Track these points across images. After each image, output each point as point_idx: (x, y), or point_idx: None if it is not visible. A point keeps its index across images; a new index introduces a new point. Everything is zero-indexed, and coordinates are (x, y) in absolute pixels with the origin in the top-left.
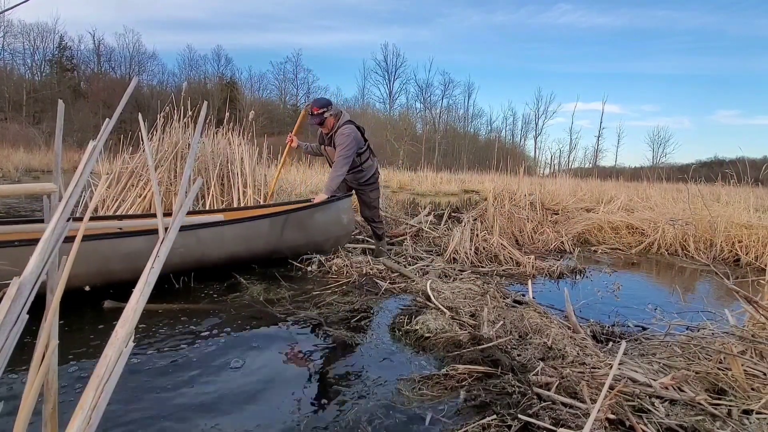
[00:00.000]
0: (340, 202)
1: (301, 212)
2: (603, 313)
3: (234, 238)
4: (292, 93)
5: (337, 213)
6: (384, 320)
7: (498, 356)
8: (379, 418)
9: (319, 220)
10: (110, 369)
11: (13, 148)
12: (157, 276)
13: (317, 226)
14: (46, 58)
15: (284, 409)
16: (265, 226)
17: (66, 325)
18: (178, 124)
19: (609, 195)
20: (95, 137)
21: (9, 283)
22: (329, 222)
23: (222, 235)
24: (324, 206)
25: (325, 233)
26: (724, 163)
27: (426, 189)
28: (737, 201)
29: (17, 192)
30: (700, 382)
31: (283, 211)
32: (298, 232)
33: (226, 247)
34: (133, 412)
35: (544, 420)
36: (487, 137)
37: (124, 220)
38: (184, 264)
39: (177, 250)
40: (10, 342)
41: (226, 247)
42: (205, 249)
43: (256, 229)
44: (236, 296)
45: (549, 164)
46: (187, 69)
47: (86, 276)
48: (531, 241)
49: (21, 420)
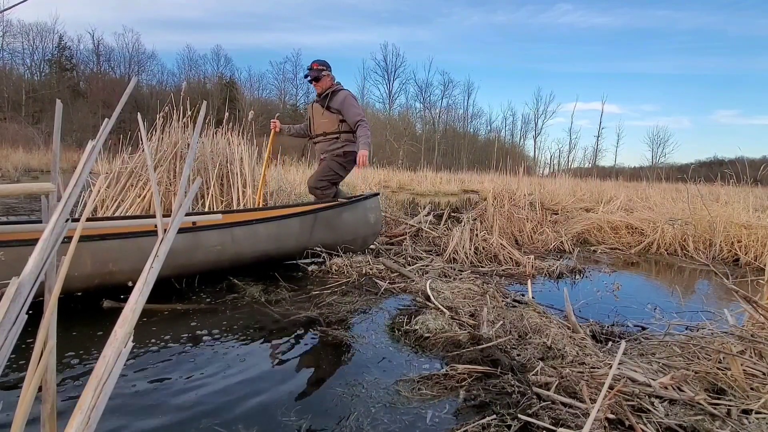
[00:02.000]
0: (367, 201)
1: (329, 211)
2: (602, 313)
3: (267, 236)
4: (291, 93)
5: (364, 212)
6: (383, 320)
7: (497, 356)
8: (379, 418)
9: (347, 219)
10: (109, 369)
11: (12, 147)
12: (156, 276)
13: (345, 226)
14: (45, 58)
15: (283, 409)
16: (296, 225)
17: (65, 325)
18: (178, 124)
19: (608, 195)
20: (94, 137)
21: (8, 282)
22: (357, 221)
23: (256, 233)
24: (351, 205)
25: (353, 232)
26: (723, 163)
27: (425, 189)
28: (736, 201)
29: (16, 192)
30: (700, 382)
31: (312, 210)
32: (326, 231)
33: (260, 245)
34: (132, 412)
35: (544, 420)
36: (486, 137)
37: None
38: (220, 262)
39: (214, 248)
40: (9, 342)
41: (260, 245)
42: (239, 247)
43: (288, 228)
44: (236, 297)
45: (548, 164)
46: (186, 69)
47: (131, 272)
48: (530, 241)
49: (18, 420)
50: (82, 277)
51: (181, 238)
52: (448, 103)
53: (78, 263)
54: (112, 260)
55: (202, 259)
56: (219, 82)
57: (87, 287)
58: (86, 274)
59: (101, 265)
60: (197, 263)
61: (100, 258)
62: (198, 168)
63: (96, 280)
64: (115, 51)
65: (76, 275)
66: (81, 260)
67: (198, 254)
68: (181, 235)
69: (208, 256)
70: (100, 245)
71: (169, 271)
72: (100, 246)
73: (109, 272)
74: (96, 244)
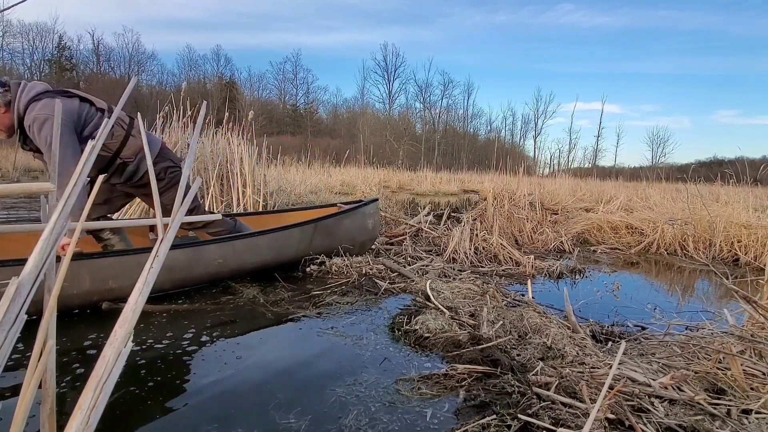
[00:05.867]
0: (366, 207)
1: (330, 219)
2: (602, 313)
3: (268, 247)
4: (291, 93)
5: (363, 218)
6: (383, 320)
7: (497, 356)
8: (379, 418)
9: (347, 226)
10: (109, 369)
11: (11, 147)
12: (155, 276)
13: (344, 233)
14: (45, 58)
15: (282, 410)
16: (297, 235)
17: (65, 325)
18: (178, 124)
19: (608, 195)
20: (93, 137)
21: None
22: (356, 228)
23: (257, 245)
24: (351, 212)
25: (351, 239)
26: (723, 163)
27: (425, 189)
28: (736, 201)
29: (15, 191)
30: (700, 382)
31: (314, 219)
32: (326, 238)
33: (260, 257)
34: (131, 412)
35: (544, 420)
36: (486, 137)
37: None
38: (220, 274)
39: (215, 261)
40: (9, 342)
41: (260, 257)
42: (240, 259)
43: (289, 239)
44: (235, 297)
45: (548, 164)
46: (186, 69)
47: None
48: (530, 240)
49: (18, 420)
50: (81, 294)
51: (181, 253)
52: (448, 103)
53: (77, 280)
54: (112, 277)
55: (203, 272)
56: (219, 82)
57: (86, 303)
58: (85, 291)
59: (101, 282)
60: (197, 277)
61: (100, 275)
62: (198, 168)
63: (95, 297)
64: (115, 51)
65: (74, 293)
66: (80, 277)
67: (198, 268)
68: (181, 250)
69: (208, 269)
70: (99, 262)
71: (170, 285)
72: (99, 263)
73: (109, 289)
74: (95, 261)
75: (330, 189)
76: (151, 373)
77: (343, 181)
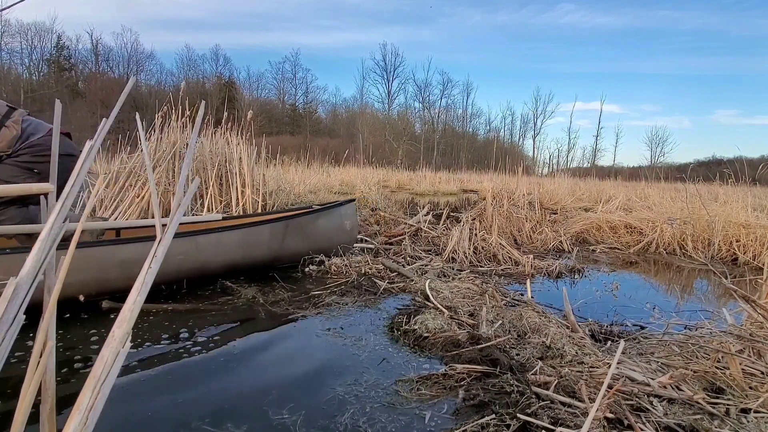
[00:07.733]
0: (342, 207)
1: (302, 218)
2: (601, 313)
3: (233, 244)
4: (290, 92)
5: (339, 219)
6: (382, 320)
7: (497, 355)
8: (377, 418)
9: (322, 227)
10: (107, 369)
11: None
12: (154, 276)
13: (320, 233)
14: (43, 58)
15: (280, 410)
16: (266, 232)
17: (64, 325)
18: (176, 124)
19: (607, 194)
20: (92, 137)
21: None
22: (332, 228)
23: (220, 242)
24: (326, 212)
25: (328, 240)
26: (722, 163)
27: (424, 189)
28: (735, 200)
29: (13, 192)
30: (699, 381)
31: (284, 217)
32: (300, 238)
33: (227, 255)
34: (130, 412)
35: (543, 419)
36: (485, 137)
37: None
38: (180, 273)
39: (175, 258)
40: (7, 342)
41: (227, 255)
42: (203, 256)
43: (257, 235)
44: (234, 298)
45: (547, 164)
46: (185, 68)
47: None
48: (529, 240)
49: (18, 420)
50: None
51: (133, 247)
52: (447, 103)
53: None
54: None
55: (161, 269)
56: (218, 81)
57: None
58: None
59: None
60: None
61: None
62: (197, 168)
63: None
64: (113, 51)
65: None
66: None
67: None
68: (133, 245)
69: (167, 266)
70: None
71: (123, 283)
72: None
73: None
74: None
75: (329, 189)
76: (147, 372)
77: (343, 181)
